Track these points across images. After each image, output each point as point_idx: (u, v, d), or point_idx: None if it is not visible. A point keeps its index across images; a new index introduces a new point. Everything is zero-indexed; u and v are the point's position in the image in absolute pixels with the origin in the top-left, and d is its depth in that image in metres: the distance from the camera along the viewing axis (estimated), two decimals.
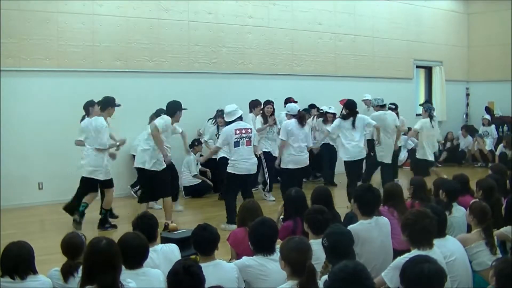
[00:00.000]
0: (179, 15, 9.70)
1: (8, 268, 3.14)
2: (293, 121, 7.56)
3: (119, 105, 7.04)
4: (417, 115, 11.96)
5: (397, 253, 3.82)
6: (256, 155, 7.26)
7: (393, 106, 9.53)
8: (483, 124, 13.12)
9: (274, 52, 10.87)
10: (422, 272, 2.58)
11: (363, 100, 10.79)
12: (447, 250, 3.59)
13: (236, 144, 6.78)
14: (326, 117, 9.86)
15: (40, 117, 8.35)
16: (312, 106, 10.58)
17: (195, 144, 9.06)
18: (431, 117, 8.99)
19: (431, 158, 9.05)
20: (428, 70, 14.20)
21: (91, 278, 2.76)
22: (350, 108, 7.71)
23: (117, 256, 2.84)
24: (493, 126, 13.02)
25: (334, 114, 9.54)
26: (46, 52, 8.48)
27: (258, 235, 3.50)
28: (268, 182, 8.91)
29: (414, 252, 3.28)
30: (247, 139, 6.84)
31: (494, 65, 13.62)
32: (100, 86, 8.81)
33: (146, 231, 3.58)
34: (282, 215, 4.78)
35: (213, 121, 9.31)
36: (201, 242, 3.45)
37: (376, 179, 9.00)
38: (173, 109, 6.82)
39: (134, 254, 3.18)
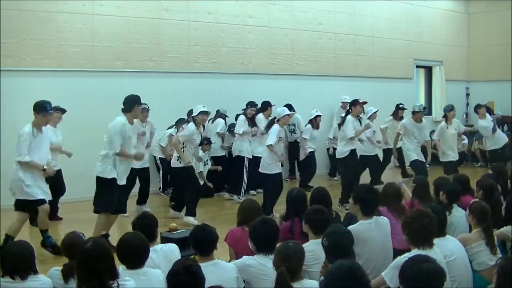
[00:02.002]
0: (179, 15, 9.71)
1: (9, 268, 3.13)
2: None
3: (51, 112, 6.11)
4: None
5: (397, 253, 3.82)
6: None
7: (405, 109, 9.69)
8: None
9: (274, 52, 10.87)
10: (421, 271, 2.58)
11: (343, 102, 10.64)
12: (447, 250, 3.59)
13: None
14: (316, 121, 9.88)
15: None
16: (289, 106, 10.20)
17: (204, 143, 8.94)
18: None
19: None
20: (428, 70, 14.20)
21: (83, 280, 2.77)
22: None
23: (103, 258, 2.79)
24: None
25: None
26: (46, 52, 8.48)
27: (260, 235, 3.51)
28: (245, 186, 8.80)
29: (414, 252, 3.28)
30: None
31: (494, 65, 13.62)
32: (100, 86, 8.85)
33: (146, 230, 3.58)
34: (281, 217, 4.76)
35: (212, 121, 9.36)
36: (200, 242, 3.45)
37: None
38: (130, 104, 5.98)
39: (135, 254, 3.17)
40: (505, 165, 8.06)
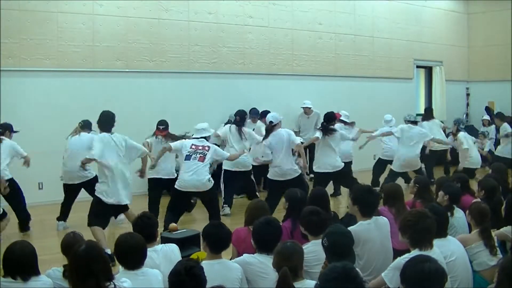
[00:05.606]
0: (179, 15, 9.71)
1: (12, 268, 3.11)
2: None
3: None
4: (417, 115, 11.96)
5: (397, 253, 3.82)
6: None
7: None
8: (483, 125, 13.09)
9: (274, 52, 10.87)
10: (423, 271, 2.59)
11: (304, 108, 10.38)
12: (448, 250, 3.59)
13: (187, 158, 6.33)
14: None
15: (40, 117, 8.35)
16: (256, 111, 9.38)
17: None
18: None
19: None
20: (428, 70, 14.20)
21: (78, 282, 2.77)
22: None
23: (97, 260, 2.79)
24: (493, 127, 13.00)
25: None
26: (46, 52, 8.48)
27: (264, 235, 3.51)
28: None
29: (415, 252, 3.28)
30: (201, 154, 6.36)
31: (494, 65, 13.62)
32: (100, 86, 8.86)
33: (146, 230, 3.58)
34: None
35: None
36: (215, 239, 3.47)
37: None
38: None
39: (132, 255, 3.18)
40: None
